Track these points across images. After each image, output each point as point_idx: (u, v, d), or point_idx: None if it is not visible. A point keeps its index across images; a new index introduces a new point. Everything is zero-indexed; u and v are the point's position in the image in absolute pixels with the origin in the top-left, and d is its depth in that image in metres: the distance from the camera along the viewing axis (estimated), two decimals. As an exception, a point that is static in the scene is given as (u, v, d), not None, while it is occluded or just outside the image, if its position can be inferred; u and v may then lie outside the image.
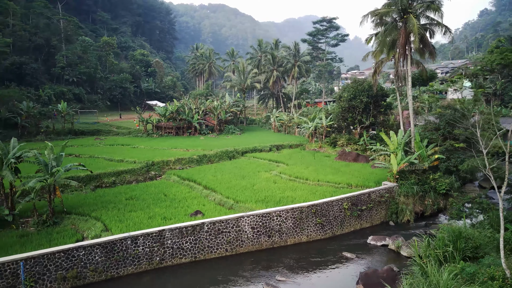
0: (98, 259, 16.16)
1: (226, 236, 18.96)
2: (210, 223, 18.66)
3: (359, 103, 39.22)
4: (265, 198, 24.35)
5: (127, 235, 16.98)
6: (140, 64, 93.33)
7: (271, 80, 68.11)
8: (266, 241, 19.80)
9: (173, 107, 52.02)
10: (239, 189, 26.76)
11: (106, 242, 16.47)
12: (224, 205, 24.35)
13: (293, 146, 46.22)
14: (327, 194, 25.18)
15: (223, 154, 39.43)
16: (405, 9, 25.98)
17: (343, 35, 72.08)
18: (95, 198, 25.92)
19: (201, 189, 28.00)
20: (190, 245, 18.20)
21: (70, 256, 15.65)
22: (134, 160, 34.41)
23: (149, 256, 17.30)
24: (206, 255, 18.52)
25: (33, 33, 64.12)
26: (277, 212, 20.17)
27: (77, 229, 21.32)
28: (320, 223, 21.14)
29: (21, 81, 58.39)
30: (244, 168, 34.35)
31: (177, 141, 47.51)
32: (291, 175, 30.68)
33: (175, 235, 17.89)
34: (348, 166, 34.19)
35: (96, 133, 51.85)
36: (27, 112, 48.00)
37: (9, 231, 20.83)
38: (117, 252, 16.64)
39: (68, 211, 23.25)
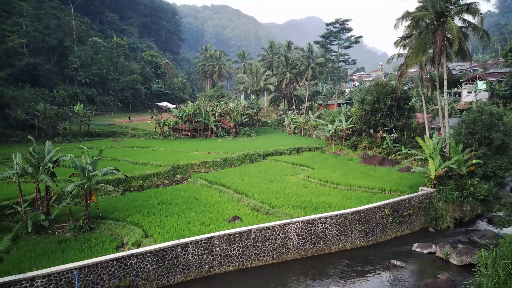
0: (150, 267, 15.78)
1: (273, 243, 18.57)
2: (257, 230, 18.27)
3: (382, 106, 38.85)
4: (301, 204, 24.00)
5: (177, 243, 16.59)
6: (149, 65, 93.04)
7: (284, 82, 67.72)
8: (311, 249, 19.41)
9: (190, 109, 51.65)
10: (271, 194, 26.39)
11: (157, 249, 16.08)
12: (259, 210, 23.97)
13: (313, 149, 45.81)
14: (363, 199, 24.81)
15: (245, 157, 39.04)
16: (442, 12, 25.64)
17: (356, 37, 71.77)
18: (126, 202, 25.55)
19: (232, 193, 27.62)
20: (237, 253, 17.81)
21: (122, 265, 15.26)
22: (159, 163, 34.03)
23: (198, 264, 16.91)
24: (253, 262, 18.12)
25: (46, 34, 63.82)
26: (321, 218, 19.78)
27: (115, 235, 20.98)
28: (363, 230, 20.75)
29: (35, 82, 58.05)
30: (269, 172, 33.97)
31: (196, 143, 47.13)
32: (321, 179, 30.29)
33: (223, 242, 17.51)
34: (375, 170, 33.80)
35: (112, 135, 51.46)
36: (44, 114, 47.64)
37: (45, 237, 20.46)
38: (168, 260, 16.25)
39: (103, 216, 22.90)
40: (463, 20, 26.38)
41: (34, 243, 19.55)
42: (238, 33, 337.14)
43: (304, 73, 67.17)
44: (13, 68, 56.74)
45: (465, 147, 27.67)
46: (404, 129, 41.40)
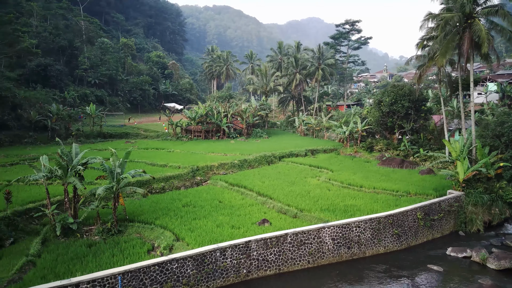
0: (190, 272, 15.55)
1: (308, 247, 18.34)
2: (293, 234, 18.04)
3: (400, 107, 38.62)
4: (329, 207, 23.78)
5: (216, 247, 16.37)
6: (156, 66, 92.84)
7: (293, 83, 67.53)
8: (346, 253, 19.18)
9: (202, 111, 51.45)
10: (295, 197, 26.17)
11: (197, 254, 15.86)
12: (286, 213, 23.75)
13: (328, 151, 45.58)
14: (390, 202, 24.58)
15: (262, 159, 38.82)
16: (469, 14, 25.44)
17: (365, 38, 71.55)
18: (151, 205, 25.32)
19: (255, 196, 27.38)
20: (274, 257, 17.59)
21: (164, 269, 15.03)
22: (178, 165, 33.81)
23: (236, 268, 16.68)
24: (290, 267, 17.89)
25: (55, 35, 63.63)
26: (356, 222, 19.55)
27: (143, 238, 20.76)
28: (396, 233, 20.52)
29: (45, 83, 57.84)
30: (288, 174, 33.75)
31: (210, 145, 46.93)
32: (343, 181, 30.06)
33: (260, 246, 17.28)
34: (395, 173, 33.55)
35: (124, 136, 51.25)
36: (57, 115, 47.44)
37: (74, 240, 20.24)
38: (207, 264, 16.02)
39: (130, 218, 22.69)
40: (490, 21, 26.16)
41: (64, 246, 19.34)
42: (240, 33, 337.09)
43: (314, 74, 66.96)
44: (24, 68, 56.58)
45: (491, 150, 27.45)
46: (420, 131, 41.18)
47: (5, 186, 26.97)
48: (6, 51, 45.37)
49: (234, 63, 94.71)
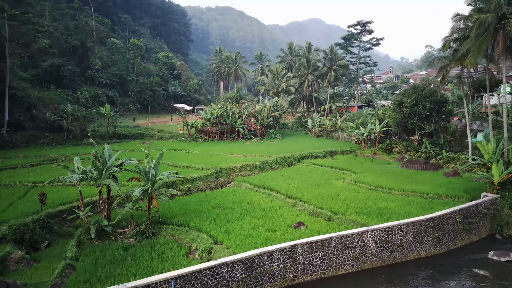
0: (239, 277, 15.24)
1: (352, 251, 18.02)
2: (337, 238, 17.72)
3: (422, 109, 38.32)
4: (362, 210, 23.44)
5: (264, 251, 16.05)
6: (165, 66, 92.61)
7: (305, 84, 67.25)
8: (389, 257, 18.85)
9: (217, 112, 51.17)
10: (325, 199, 25.84)
11: (246, 258, 15.54)
12: (319, 216, 23.40)
13: (346, 152, 45.24)
14: (423, 205, 24.23)
15: (282, 160, 38.50)
16: (503, 14, 25.17)
17: (377, 39, 71.29)
18: (180, 206, 25.04)
19: (283, 198, 27.04)
20: (319, 261, 17.27)
21: (214, 274, 14.71)
22: (201, 167, 33.51)
23: (283, 272, 16.36)
24: (334, 271, 17.57)
25: (67, 35, 63.40)
26: (398, 226, 19.22)
27: (179, 241, 20.43)
28: (437, 237, 20.19)
29: (58, 83, 57.59)
30: (312, 176, 33.40)
31: (227, 146, 46.64)
32: (370, 184, 29.72)
33: (306, 250, 16.96)
34: (420, 175, 33.22)
35: (139, 137, 50.96)
36: (73, 115, 47.18)
37: (109, 243, 19.93)
38: (256, 268, 15.71)
39: (163, 221, 22.40)
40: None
41: (100, 249, 19.04)
42: (242, 34, 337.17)
43: (326, 75, 66.70)
44: (37, 69, 56.33)
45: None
46: (440, 133, 40.89)
47: (30, 188, 26.72)
48: (22, 51, 45.07)
49: (242, 64, 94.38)
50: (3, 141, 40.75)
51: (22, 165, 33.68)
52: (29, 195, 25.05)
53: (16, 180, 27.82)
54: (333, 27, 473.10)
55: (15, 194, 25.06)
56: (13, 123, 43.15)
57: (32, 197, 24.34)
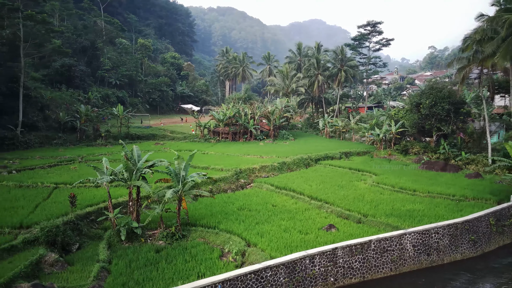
0: (282, 280, 14.96)
1: (391, 254, 17.75)
2: (376, 241, 17.46)
3: (440, 110, 38.06)
4: (392, 212, 23.16)
5: (305, 254, 15.78)
6: (172, 67, 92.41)
7: (315, 85, 66.97)
8: (426, 260, 18.58)
9: (230, 112, 50.94)
10: (352, 201, 25.56)
11: (289, 261, 15.27)
12: (348, 218, 23.11)
13: (361, 154, 45.00)
14: (452, 207, 23.96)
15: (299, 161, 38.26)
16: (532, 14, 24.96)
17: (387, 39, 71.04)
18: (205, 208, 24.80)
19: (308, 200, 26.74)
20: (359, 264, 16.99)
21: (259, 278, 14.45)
22: (221, 168, 33.25)
23: (324, 276, 16.09)
24: (373, 274, 17.30)
25: (77, 35, 63.22)
26: (435, 229, 18.95)
27: (209, 243, 20.15)
28: (472, 240, 19.92)
29: (69, 83, 57.36)
30: (332, 177, 33.15)
31: (241, 147, 46.39)
32: (394, 185, 29.44)
33: (346, 254, 16.69)
34: (441, 176, 32.96)
35: (152, 137, 50.72)
36: (86, 116, 46.95)
37: (139, 245, 19.64)
38: (298, 272, 15.44)
39: (192, 222, 22.15)
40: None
41: (132, 251, 18.77)
42: (244, 35, 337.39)
43: (336, 76, 66.48)
44: (48, 69, 56.11)
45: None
46: (456, 134, 40.60)
47: (53, 189, 26.46)
48: (36, 51, 44.86)
49: (250, 65, 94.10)
50: (17, 142, 40.53)
51: (40, 165, 33.43)
52: (53, 196, 24.79)
53: (37, 181, 27.56)
54: (334, 28, 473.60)
55: (39, 195, 24.78)
56: (27, 124, 42.93)
57: (56, 198, 24.11)
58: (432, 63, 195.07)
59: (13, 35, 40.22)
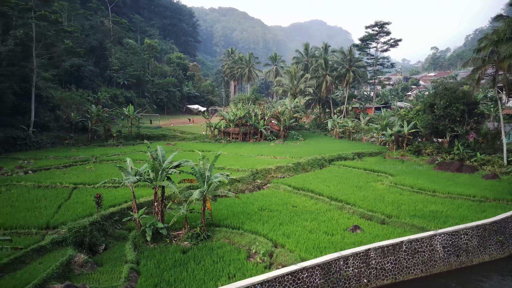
0: (318, 282, 14.87)
1: (421, 255, 17.65)
2: (407, 242, 17.36)
3: (455, 110, 37.96)
4: (415, 213, 23.02)
5: (339, 255, 15.69)
6: (178, 67, 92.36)
7: (323, 85, 66.89)
8: (455, 261, 18.47)
9: (241, 113, 50.85)
10: (373, 202, 25.44)
11: (324, 262, 15.18)
12: (371, 219, 22.99)
13: (373, 154, 44.88)
14: (475, 208, 23.85)
15: (314, 162, 38.14)
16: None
17: (395, 40, 70.95)
18: (226, 208, 24.72)
19: (328, 201, 26.62)
20: (391, 266, 16.89)
21: (296, 279, 14.36)
22: (237, 168, 33.15)
23: (357, 277, 15.99)
24: (405, 276, 17.20)
25: (86, 35, 63.16)
26: (464, 230, 18.86)
27: (235, 244, 20.05)
28: (500, 241, 19.82)
29: (79, 83, 57.31)
30: (348, 178, 33.04)
31: (252, 147, 46.27)
32: (413, 186, 29.32)
33: (378, 255, 16.60)
34: (457, 177, 32.85)
35: (162, 138, 50.63)
36: (97, 116, 46.87)
37: (165, 246, 19.56)
38: (333, 273, 15.35)
39: (215, 223, 22.06)
40: None
41: (159, 252, 18.69)
42: (246, 35, 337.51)
43: (344, 77, 66.40)
44: (58, 69, 56.04)
45: None
46: (469, 134, 40.49)
47: (72, 189, 26.37)
48: (48, 51, 44.80)
49: (256, 65, 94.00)
50: (30, 142, 40.44)
51: (55, 166, 33.33)
52: (74, 196, 24.70)
53: (56, 181, 27.46)
54: (335, 29, 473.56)
55: (59, 195, 24.69)
56: (39, 124, 42.84)
57: (78, 199, 24.02)
58: (435, 64, 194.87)
59: (25, 35, 40.15)
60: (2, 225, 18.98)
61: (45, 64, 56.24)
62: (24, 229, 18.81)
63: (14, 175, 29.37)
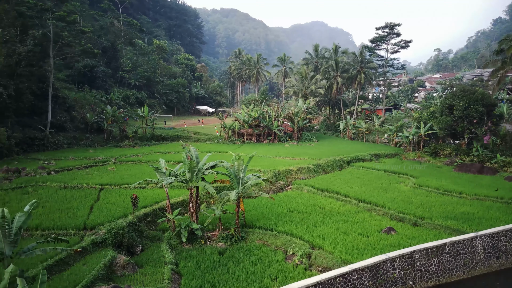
0: (367, 284, 14.78)
1: (463, 257, 17.57)
2: (450, 244, 17.28)
3: (474, 112, 37.92)
4: (447, 215, 22.96)
5: (386, 257, 15.59)
6: (186, 68, 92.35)
7: (334, 86, 66.84)
8: (495, 263, 18.39)
9: (255, 114, 50.79)
10: (402, 203, 25.35)
11: (372, 265, 15.09)
12: (403, 221, 22.89)
13: (390, 156, 44.80)
14: (504, 209, 23.86)
15: (333, 163, 38.06)
16: None
17: (406, 41, 70.87)
18: (255, 209, 24.63)
19: (355, 202, 26.52)
20: (434, 268, 16.81)
21: (346, 281, 14.27)
22: (259, 169, 33.03)
23: (403, 279, 15.91)
24: (448, 278, 17.12)
25: (98, 35, 63.15)
26: (503, 232, 18.78)
27: (269, 245, 19.96)
28: (538, 243, 19.71)
29: (92, 84, 57.29)
30: (371, 179, 32.94)
31: (267, 148, 46.19)
32: (438, 188, 29.22)
33: (422, 257, 16.51)
34: (480, 179, 32.81)
35: (176, 139, 50.56)
36: (112, 117, 46.81)
37: (200, 247, 19.50)
38: (380, 275, 15.26)
39: (248, 224, 22.00)
40: None
41: (196, 253, 18.62)
42: (248, 36, 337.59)
43: (356, 78, 66.36)
44: (71, 69, 56.01)
45: None
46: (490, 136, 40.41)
47: (99, 190, 26.30)
48: (65, 52, 44.79)
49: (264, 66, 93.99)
50: (47, 142, 40.38)
51: (76, 166, 33.27)
52: (102, 197, 24.63)
53: (82, 182, 27.41)
54: (336, 30, 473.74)
55: (88, 196, 24.61)
56: (55, 124, 42.80)
57: (107, 200, 23.97)
58: (439, 66, 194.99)
59: (43, 35, 40.13)
60: (39, 226, 18.93)
61: (58, 65, 56.24)
62: (62, 230, 18.75)
63: (38, 176, 29.31)
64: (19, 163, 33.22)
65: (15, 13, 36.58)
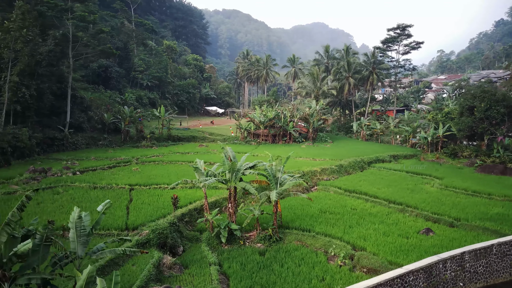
0: (422, 285, 14.72)
1: (509, 259, 17.51)
2: (497, 245, 17.22)
3: (495, 113, 37.89)
4: (482, 216, 22.93)
5: (438, 258, 15.52)
6: (195, 69, 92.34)
7: (346, 87, 66.79)
8: (539, 265, 18.32)
9: (271, 114, 50.77)
10: (434, 204, 25.33)
11: (426, 266, 15.02)
12: (438, 222, 22.81)
13: (408, 157, 44.75)
14: (540, 211, 23.90)
15: (354, 164, 38.02)
16: None
17: (417, 42, 70.88)
18: (287, 210, 24.61)
19: (386, 203, 26.43)
20: (482, 269, 16.76)
21: (403, 282, 14.21)
22: (284, 170, 32.96)
23: (454, 281, 15.85)
24: (495, 279, 17.06)
25: (111, 36, 63.09)
26: (546, 233, 18.74)
27: (308, 246, 19.88)
28: None
29: (106, 84, 57.26)
30: (395, 180, 32.87)
31: (286, 149, 46.08)
32: (466, 189, 29.18)
33: (471, 258, 16.45)
34: (505, 180, 32.81)
35: (192, 139, 50.53)
36: (130, 117, 46.77)
37: (239, 247, 19.47)
38: (434, 276, 15.19)
39: (285, 225, 21.95)
40: None
41: (237, 254, 18.58)
42: (250, 37, 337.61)
43: (368, 79, 66.34)
44: (86, 70, 56.00)
45: None
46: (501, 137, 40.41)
47: (129, 190, 26.25)
48: (84, 52, 44.77)
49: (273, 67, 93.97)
50: (67, 142, 40.34)
51: (100, 167, 33.19)
52: (135, 198, 24.59)
53: (111, 182, 27.36)
54: (337, 31, 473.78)
55: (120, 197, 24.57)
56: (73, 124, 42.76)
57: (141, 200, 23.94)
58: (443, 67, 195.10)
59: (63, 35, 40.12)
60: (82, 226, 18.82)
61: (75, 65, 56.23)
62: (105, 230, 18.69)
63: (64, 176, 29.24)
64: (42, 163, 33.17)
65: (36, 13, 36.53)
